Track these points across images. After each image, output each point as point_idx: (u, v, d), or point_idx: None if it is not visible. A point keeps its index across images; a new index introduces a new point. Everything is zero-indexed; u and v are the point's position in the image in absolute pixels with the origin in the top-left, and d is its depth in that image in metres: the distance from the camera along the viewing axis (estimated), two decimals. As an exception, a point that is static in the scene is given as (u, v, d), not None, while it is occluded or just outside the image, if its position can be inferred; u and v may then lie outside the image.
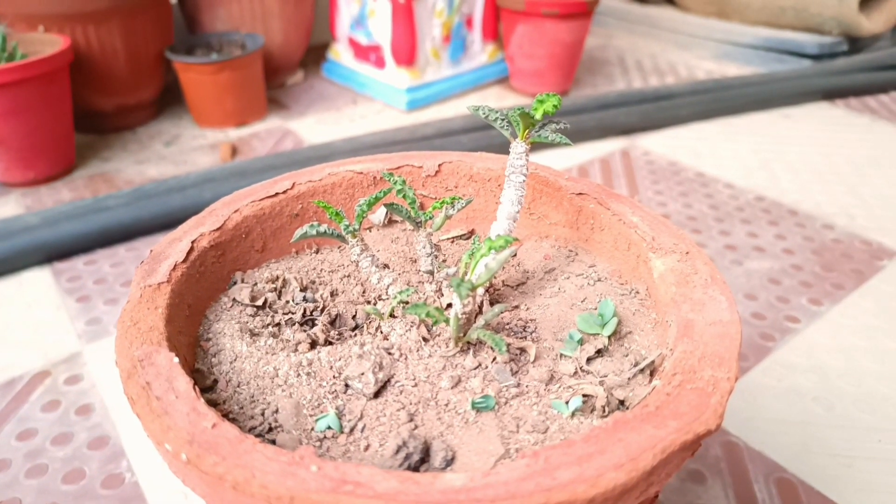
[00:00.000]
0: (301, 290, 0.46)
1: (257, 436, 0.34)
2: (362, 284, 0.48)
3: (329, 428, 0.34)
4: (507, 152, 0.46)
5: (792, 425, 0.66)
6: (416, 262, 0.51)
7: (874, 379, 0.71)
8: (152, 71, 1.31)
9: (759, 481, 0.60)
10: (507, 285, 0.47)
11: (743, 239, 0.97)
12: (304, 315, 0.44)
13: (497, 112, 0.44)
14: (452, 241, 0.54)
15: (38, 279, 0.89)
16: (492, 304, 0.45)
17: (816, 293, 0.85)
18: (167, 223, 0.98)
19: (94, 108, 1.27)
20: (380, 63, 1.47)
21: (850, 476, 0.61)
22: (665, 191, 1.10)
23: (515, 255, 0.51)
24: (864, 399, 0.69)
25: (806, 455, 0.63)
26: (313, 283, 0.48)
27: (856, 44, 1.70)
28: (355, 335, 0.43)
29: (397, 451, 0.31)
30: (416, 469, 0.32)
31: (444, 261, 0.51)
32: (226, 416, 0.35)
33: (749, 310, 0.82)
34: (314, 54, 1.75)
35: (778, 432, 0.65)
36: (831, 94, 1.47)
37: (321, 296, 0.46)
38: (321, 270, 0.49)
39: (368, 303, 0.46)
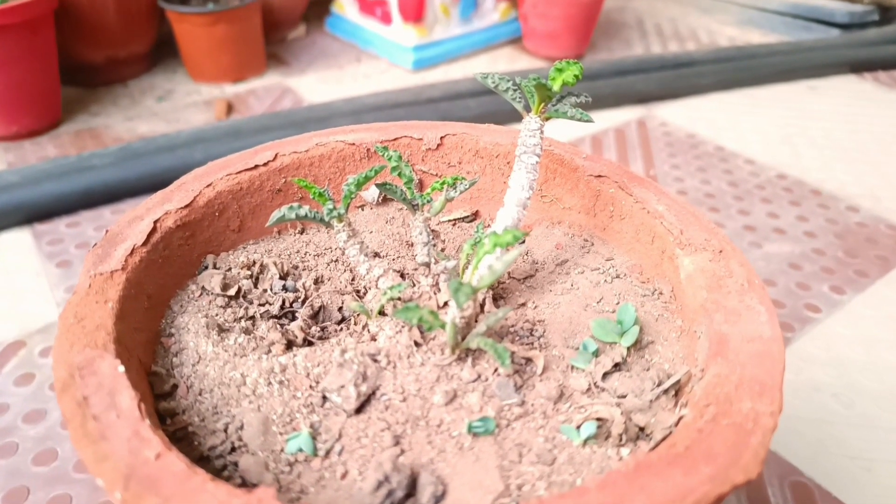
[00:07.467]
0: (281, 278, 0.41)
1: (217, 457, 0.29)
2: (352, 271, 0.43)
3: (301, 450, 0.30)
4: (519, 119, 0.40)
5: (809, 423, 0.62)
6: (412, 246, 0.45)
7: (897, 375, 0.67)
8: (145, 21, 1.24)
9: (773, 485, 0.57)
10: (514, 278, 0.42)
11: (763, 219, 0.91)
12: (282, 307, 0.38)
13: (509, 81, 0.39)
14: (454, 224, 0.49)
15: (17, 241, 0.84)
16: (495, 299, 0.40)
17: (838, 280, 0.80)
18: (155, 184, 0.93)
19: (82, 60, 1.20)
20: (386, 18, 1.40)
21: (870, 480, 0.57)
22: (682, 165, 1.04)
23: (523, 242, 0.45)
24: (885, 396, 0.65)
25: (823, 456, 0.59)
26: (296, 268, 0.42)
27: (887, 13, 1.62)
28: (342, 329, 0.38)
29: (378, 487, 0.27)
30: (399, 506, 0.27)
31: (444, 249, 0.46)
32: (184, 429, 0.30)
33: (768, 297, 0.77)
34: (317, 7, 1.67)
35: (794, 431, 0.61)
36: (859, 67, 1.40)
37: (304, 284, 0.40)
38: (305, 254, 0.44)
39: (357, 292, 0.41)
